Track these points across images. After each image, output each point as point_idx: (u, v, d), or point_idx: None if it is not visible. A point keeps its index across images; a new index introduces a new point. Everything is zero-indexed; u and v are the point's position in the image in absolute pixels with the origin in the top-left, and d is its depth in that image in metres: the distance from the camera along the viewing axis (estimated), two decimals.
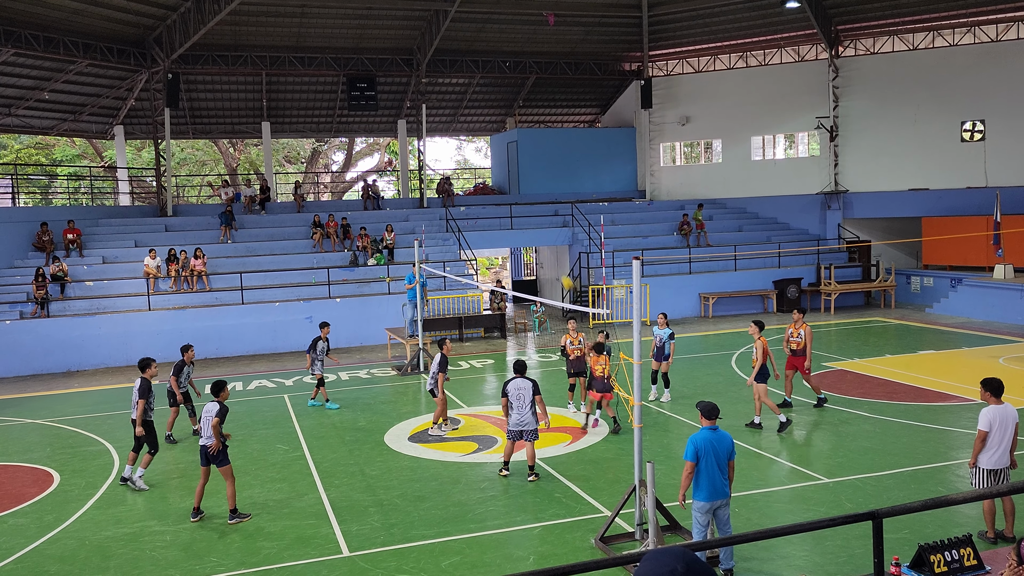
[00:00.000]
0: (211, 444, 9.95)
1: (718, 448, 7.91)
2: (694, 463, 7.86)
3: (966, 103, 27.88)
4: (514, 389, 11.20)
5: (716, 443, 7.91)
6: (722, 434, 8.04)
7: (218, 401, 10.13)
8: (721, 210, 31.88)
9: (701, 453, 7.86)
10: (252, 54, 28.14)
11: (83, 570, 8.82)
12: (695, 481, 7.92)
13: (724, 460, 7.94)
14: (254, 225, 27.34)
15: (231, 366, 21.03)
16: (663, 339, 15.01)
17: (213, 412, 9.98)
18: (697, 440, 7.92)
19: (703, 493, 7.88)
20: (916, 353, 19.28)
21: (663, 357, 15.05)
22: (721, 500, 7.92)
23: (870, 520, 4.24)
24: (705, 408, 8.17)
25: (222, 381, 10.34)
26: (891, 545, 6.43)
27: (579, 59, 32.27)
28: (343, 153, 50.52)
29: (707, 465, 7.85)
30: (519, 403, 11.16)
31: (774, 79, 31.07)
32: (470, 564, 8.59)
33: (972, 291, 25.16)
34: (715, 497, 7.88)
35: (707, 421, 8.09)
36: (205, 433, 10.05)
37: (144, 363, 11.78)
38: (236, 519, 10.01)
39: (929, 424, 13.14)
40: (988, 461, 8.38)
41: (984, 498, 8.31)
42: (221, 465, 10.03)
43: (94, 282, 22.79)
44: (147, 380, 11.58)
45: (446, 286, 24.31)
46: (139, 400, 11.41)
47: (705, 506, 7.89)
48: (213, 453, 9.99)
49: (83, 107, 29.29)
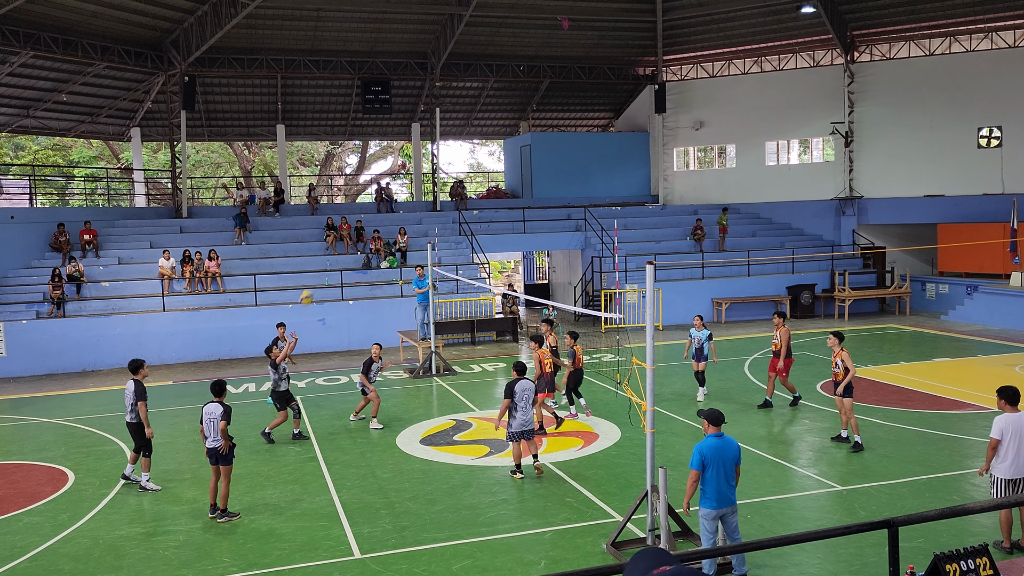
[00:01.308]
0: (220, 446, 10.04)
1: (725, 455, 7.87)
2: (699, 472, 7.84)
3: (983, 109, 27.68)
4: (520, 390, 11.27)
5: (722, 450, 7.88)
6: (728, 440, 8.00)
7: (219, 402, 10.19)
8: (735, 215, 31.76)
9: (708, 461, 7.83)
10: (267, 57, 28.30)
11: (97, 569, 8.88)
12: (702, 489, 7.89)
13: (731, 467, 7.91)
14: (268, 227, 27.47)
15: (244, 367, 21.12)
16: (701, 340, 15.47)
17: (218, 415, 10.04)
18: (703, 448, 7.89)
19: (710, 501, 7.85)
20: (931, 360, 19.14)
21: (702, 358, 15.50)
22: (728, 507, 7.89)
23: (885, 528, 4.21)
24: (711, 416, 8.13)
25: (222, 382, 10.43)
26: (905, 554, 6.38)
27: (593, 63, 32.26)
28: (357, 156, 50.68)
29: (714, 473, 7.81)
30: (524, 404, 11.24)
31: (789, 84, 30.96)
32: (481, 568, 8.58)
33: (988, 298, 24.96)
34: (722, 505, 7.85)
35: (712, 428, 8.04)
36: (212, 436, 10.11)
37: (135, 365, 11.49)
38: (226, 518, 10.12)
39: (944, 432, 13.04)
40: (1006, 471, 8.27)
41: (1002, 508, 8.21)
42: (224, 464, 10.11)
43: (110, 283, 22.96)
44: (140, 382, 11.35)
45: (459, 289, 24.34)
46: (139, 402, 11.20)
47: (712, 513, 7.86)
48: (224, 453, 10.06)
49: (100, 109, 29.52)
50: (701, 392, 15.69)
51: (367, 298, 23.87)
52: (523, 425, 11.25)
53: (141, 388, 11.33)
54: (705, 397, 15.60)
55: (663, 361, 19.67)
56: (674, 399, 15.76)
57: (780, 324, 14.84)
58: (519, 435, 11.30)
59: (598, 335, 24.29)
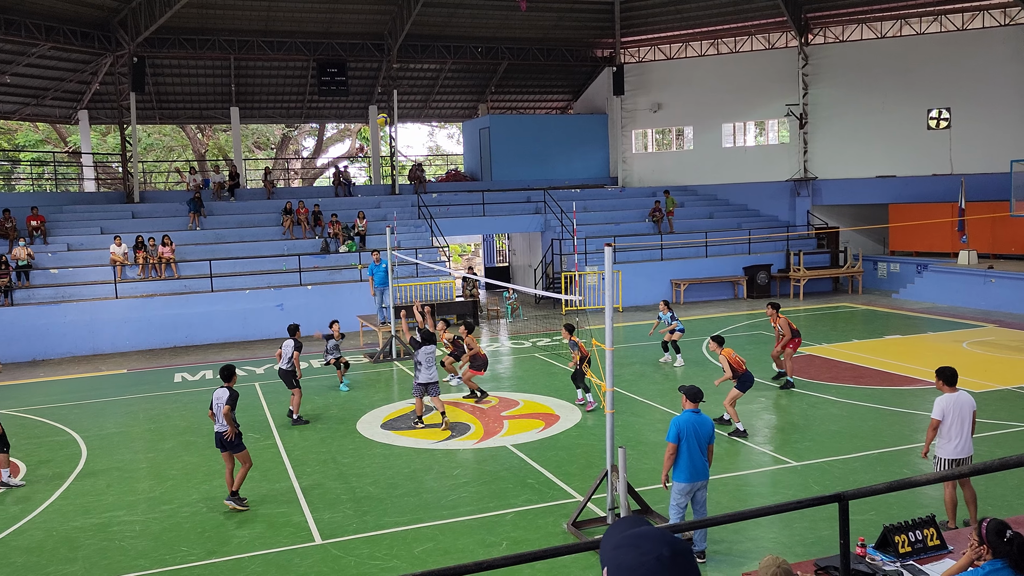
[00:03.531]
0: (226, 431, 9.89)
1: (700, 431, 8.03)
2: (676, 444, 7.98)
3: (932, 91, 28.25)
4: (423, 353, 13.02)
5: (698, 426, 8.05)
6: (703, 417, 8.18)
7: (227, 387, 10.05)
8: (692, 197, 32.06)
9: (683, 435, 7.97)
10: (220, 38, 27.70)
11: (50, 561, 8.71)
12: (676, 462, 8.03)
13: (704, 443, 8.07)
14: (223, 212, 27.01)
15: (201, 354, 20.81)
16: (669, 321, 16.84)
17: (224, 399, 9.91)
18: (680, 422, 8.04)
19: (684, 474, 8.00)
20: (883, 338, 19.59)
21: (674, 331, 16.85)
22: (701, 481, 8.07)
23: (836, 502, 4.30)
24: (690, 391, 8.31)
25: (231, 366, 10.27)
26: (857, 526, 6.55)
27: (551, 45, 32.18)
28: (314, 139, 50.04)
29: (688, 447, 7.97)
30: (427, 363, 13.02)
31: (745, 66, 31.23)
32: (443, 550, 8.61)
33: (937, 276, 25.58)
34: (696, 478, 8.01)
35: (690, 404, 8.22)
36: (218, 420, 9.98)
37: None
38: (232, 501, 9.95)
39: (895, 408, 13.37)
40: (950, 451, 8.34)
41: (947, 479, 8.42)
42: (237, 451, 9.98)
43: (59, 270, 22.40)
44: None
45: (418, 273, 24.23)
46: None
47: (685, 487, 8.01)
48: (229, 439, 9.91)
49: (46, 91, 28.67)
50: (679, 359, 16.91)
51: (326, 283, 23.64)
52: (428, 379, 12.89)
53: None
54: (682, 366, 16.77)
55: (623, 342, 19.84)
56: (634, 380, 15.91)
57: (774, 316, 15.02)
58: (423, 388, 12.93)
59: (558, 317, 24.39)
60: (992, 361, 16.60)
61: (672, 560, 2.03)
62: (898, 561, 6.01)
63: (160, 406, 15.39)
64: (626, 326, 22.51)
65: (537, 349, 19.77)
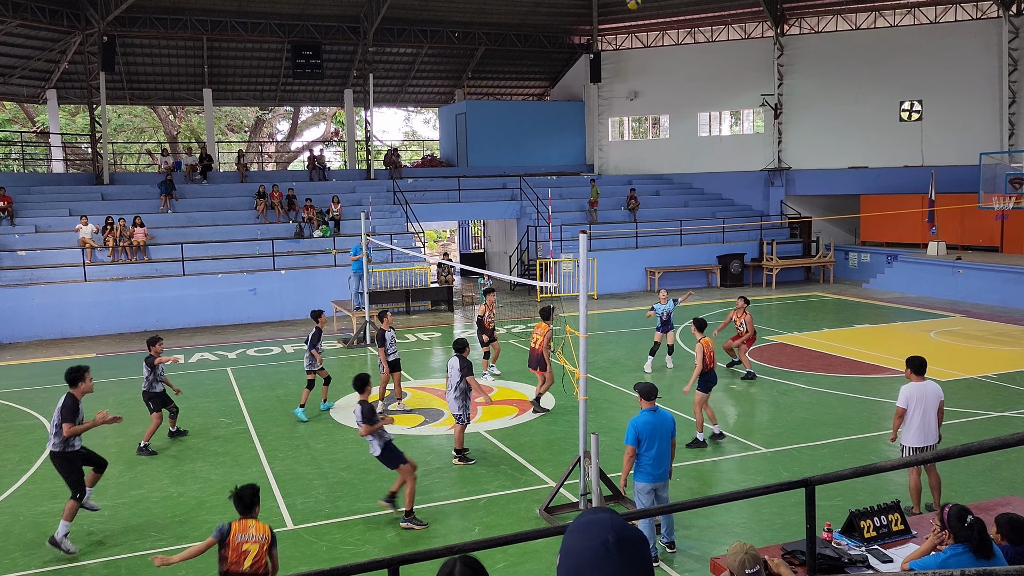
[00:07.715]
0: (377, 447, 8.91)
1: (660, 430, 7.82)
2: (635, 447, 7.80)
3: (905, 83, 28.55)
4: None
5: (658, 425, 7.82)
6: (663, 414, 7.95)
7: (362, 400, 8.92)
8: (668, 185, 32.18)
9: (642, 436, 7.77)
10: (192, 18, 27.27)
11: (17, 546, 8.62)
12: (637, 463, 7.86)
13: (667, 441, 7.87)
14: (195, 195, 26.67)
15: (173, 339, 20.58)
16: (669, 312, 15.67)
17: (359, 413, 8.84)
18: (638, 424, 7.82)
19: (647, 476, 7.82)
20: (853, 327, 19.85)
21: (668, 329, 15.72)
22: (663, 482, 7.92)
23: (804, 487, 4.37)
24: (644, 389, 8.04)
25: (366, 376, 9.18)
26: (825, 512, 6.65)
27: (528, 31, 32.06)
28: (288, 122, 49.53)
29: (649, 448, 7.77)
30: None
31: (721, 56, 31.34)
32: (415, 535, 8.63)
33: (907, 267, 25.94)
34: (659, 479, 7.86)
35: (646, 403, 7.95)
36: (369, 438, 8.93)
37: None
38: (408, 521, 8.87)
39: (863, 395, 13.58)
40: (913, 439, 8.49)
41: (910, 465, 8.54)
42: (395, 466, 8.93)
43: (26, 252, 22.02)
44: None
45: (393, 258, 24.13)
46: None
47: (647, 487, 7.86)
48: None
49: (13, 69, 28.07)
50: (668, 360, 15.92)
51: (299, 267, 23.46)
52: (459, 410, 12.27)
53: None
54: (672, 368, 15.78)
55: (597, 330, 19.92)
56: (607, 367, 16.00)
57: (743, 311, 14.87)
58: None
59: (533, 304, 24.42)
60: (958, 350, 16.90)
61: (617, 545, 2.10)
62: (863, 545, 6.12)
63: (130, 391, 15.19)
64: (600, 313, 22.59)
65: (511, 336, 19.79)
